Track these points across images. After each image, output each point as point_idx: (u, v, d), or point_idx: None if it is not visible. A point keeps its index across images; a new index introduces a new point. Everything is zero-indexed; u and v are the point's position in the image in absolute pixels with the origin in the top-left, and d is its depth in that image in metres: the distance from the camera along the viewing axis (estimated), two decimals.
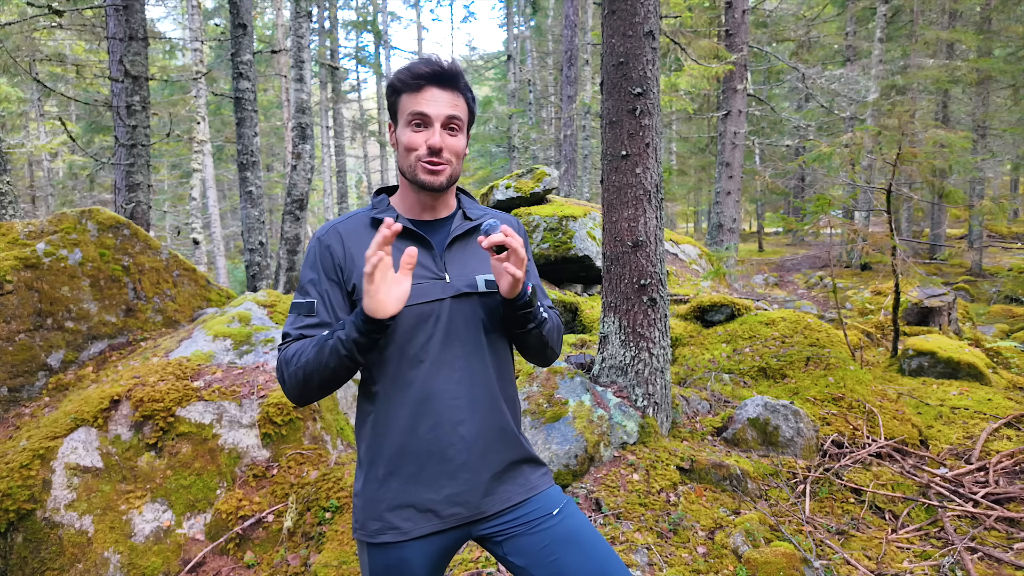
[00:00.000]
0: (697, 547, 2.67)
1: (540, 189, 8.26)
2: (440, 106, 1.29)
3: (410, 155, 1.31)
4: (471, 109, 1.37)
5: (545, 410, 3.37)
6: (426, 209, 1.39)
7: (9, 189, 5.09)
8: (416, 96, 1.29)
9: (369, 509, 1.31)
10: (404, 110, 1.31)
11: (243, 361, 3.50)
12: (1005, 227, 20.58)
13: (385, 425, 1.30)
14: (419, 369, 1.28)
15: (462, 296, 1.32)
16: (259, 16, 25.44)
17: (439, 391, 1.29)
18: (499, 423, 1.34)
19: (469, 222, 1.40)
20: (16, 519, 2.56)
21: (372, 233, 1.34)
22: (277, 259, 8.39)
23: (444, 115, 1.29)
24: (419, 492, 1.29)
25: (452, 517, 1.30)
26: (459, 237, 1.38)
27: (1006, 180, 28.39)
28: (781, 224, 22.47)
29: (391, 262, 1.17)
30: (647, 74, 3.48)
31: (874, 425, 3.78)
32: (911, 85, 14.91)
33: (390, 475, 1.29)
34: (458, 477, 1.29)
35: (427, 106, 1.28)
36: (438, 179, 1.31)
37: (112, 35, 8.35)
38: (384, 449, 1.30)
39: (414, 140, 1.30)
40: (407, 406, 1.28)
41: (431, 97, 1.29)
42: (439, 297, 1.31)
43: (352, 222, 1.38)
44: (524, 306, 1.30)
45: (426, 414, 1.28)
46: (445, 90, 1.30)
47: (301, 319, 1.32)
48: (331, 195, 26.31)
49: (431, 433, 1.28)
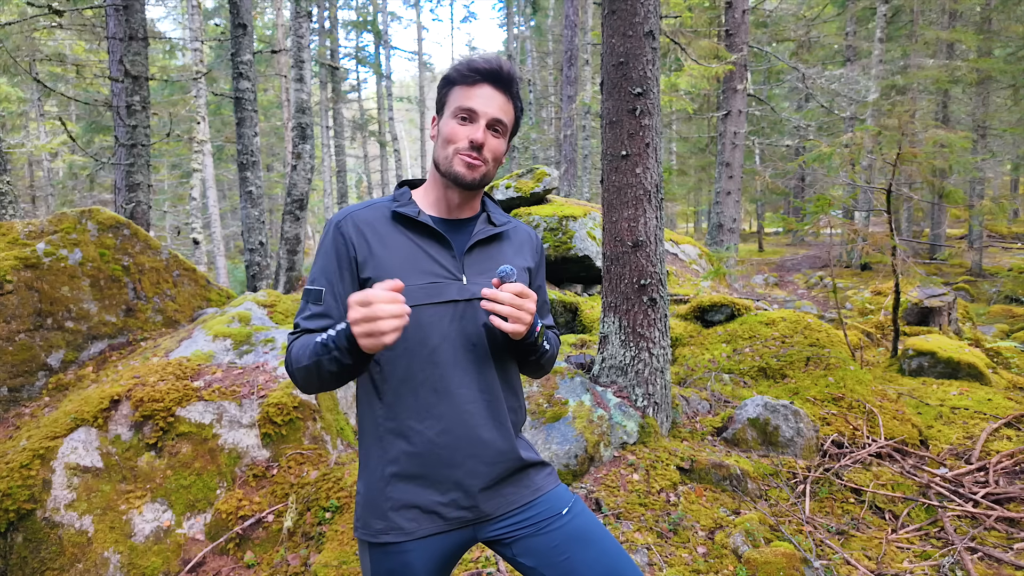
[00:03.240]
0: (697, 547, 2.67)
1: (540, 189, 8.26)
2: (489, 105, 1.28)
3: (449, 146, 1.29)
4: (517, 118, 1.37)
5: (545, 410, 3.37)
6: (451, 207, 1.37)
7: (9, 189, 5.09)
8: (468, 90, 1.29)
9: (373, 508, 1.29)
10: (453, 102, 1.30)
11: (243, 361, 3.50)
12: (1005, 227, 20.58)
13: (393, 424, 1.28)
14: (430, 370, 1.27)
15: (477, 300, 1.30)
16: (259, 16, 25.44)
17: (449, 394, 1.28)
18: (505, 429, 1.33)
19: (492, 227, 1.38)
20: (16, 519, 2.56)
21: (392, 227, 1.32)
22: (277, 259, 8.39)
23: (491, 115, 1.28)
24: (424, 493, 1.27)
25: (456, 519, 1.29)
26: (481, 242, 1.36)
27: (1006, 180, 28.39)
28: (781, 224, 22.47)
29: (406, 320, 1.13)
30: (647, 74, 3.48)
31: (874, 425, 3.78)
32: (911, 85, 14.91)
33: (396, 475, 1.28)
34: (463, 480, 1.28)
35: (477, 102, 1.28)
36: (473, 174, 1.29)
37: (112, 35, 8.35)
38: (390, 448, 1.29)
39: (457, 132, 1.29)
40: (416, 407, 1.27)
41: (483, 94, 1.28)
42: (454, 298, 1.29)
43: (371, 212, 1.34)
44: (529, 345, 1.32)
45: (435, 416, 1.27)
46: (498, 91, 1.30)
47: (309, 307, 1.31)
48: (331, 195, 26.31)
49: (440, 436, 1.27)
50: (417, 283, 1.27)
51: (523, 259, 1.43)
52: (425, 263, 1.30)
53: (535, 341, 1.31)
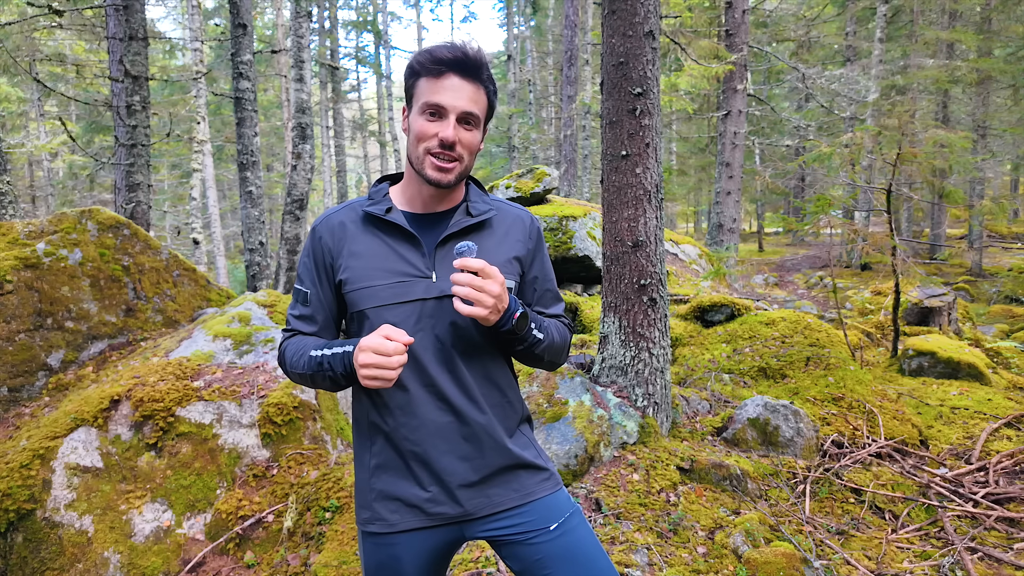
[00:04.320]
0: (697, 547, 2.67)
1: (540, 189, 8.26)
2: (458, 98, 1.21)
3: (419, 145, 1.25)
4: (491, 103, 1.29)
5: (545, 410, 3.37)
6: (427, 202, 1.33)
7: (9, 189, 5.09)
8: (435, 83, 1.22)
9: (361, 498, 1.34)
10: (420, 96, 1.24)
11: (243, 361, 3.50)
12: (1005, 227, 20.57)
13: (376, 418, 1.31)
14: (402, 370, 1.21)
15: (446, 298, 1.25)
16: (259, 16, 25.44)
17: (421, 392, 1.27)
18: (484, 427, 1.29)
19: (469, 218, 1.32)
20: (16, 519, 2.56)
21: (363, 228, 1.31)
22: (277, 259, 8.38)
23: (461, 109, 1.22)
24: (405, 486, 1.29)
25: (438, 516, 1.29)
26: (454, 235, 1.30)
27: (1006, 180, 28.40)
28: (781, 224, 22.47)
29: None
30: (647, 74, 3.48)
31: (874, 425, 3.78)
32: (911, 85, 14.91)
33: (379, 467, 1.31)
34: (442, 476, 1.28)
35: (444, 96, 1.21)
36: (446, 177, 1.25)
37: (112, 35, 8.35)
38: (374, 441, 1.31)
39: (426, 130, 1.23)
40: (392, 404, 1.28)
41: (450, 86, 1.21)
42: (421, 297, 1.26)
43: (345, 213, 1.34)
44: (506, 333, 1.25)
45: (409, 414, 1.28)
46: (466, 80, 1.22)
47: (298, 306, 1.37)
48: (331, 195, 26.32)
49: (414, 433, 1.27)
50: (384, 283, 1.27)
51: (509, 248, 1.36)
52: (394, 262, 1.28)
53: (512, 328, 1.23)
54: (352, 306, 1.31)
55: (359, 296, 1.28)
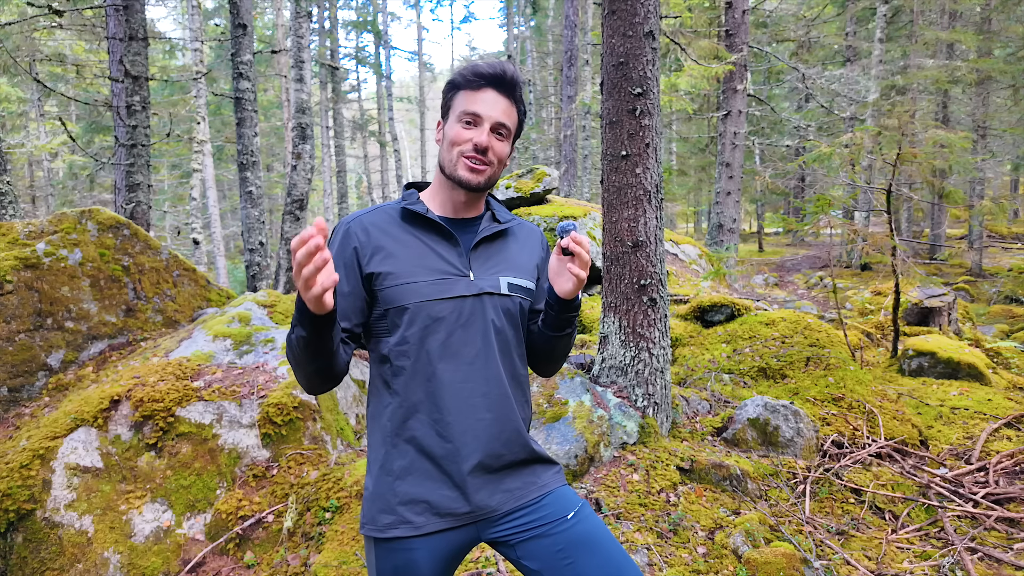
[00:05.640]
0: (697, 547, 2.67)
1: (540, 189, 8.26)
2: (493, 109, 1.32)
3: (453, 149, 1.33)
4: (520, 122, 1.40)
5: (545, 410, 3.37)
6: (457, 208, 1.40)
7: (9, 189, 5.09)
8: (473, 95, 1.32)
9: (381, 503, 1.30)
10: (458, 107, 1.34)
11: (243, 361, 3.50)
12: (1005, 227, 20.58)
13: (405, 418, 1.30)
14: (440, 364, 1.29)
15: (484, 295, 1.34)
16: (259, 16, 25.44)
17: (458, 389, 1.30)
18: (513, 424, 1.35)
19: (497, 224, 1.42)
20: (16, 519, 2.56)
21: (400, 227, 1.36)
22: (277, 259, 8.38)
23: (495, 119, 1.32)
24: (433, 487, 1.29)
25: (466, 515, 1.30)
26: (486, 238, 1.40)
27: (1006, 180, 28.39)
28: (781, 224, 22.47)
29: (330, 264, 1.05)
30: (647, 74, 3.48)
31: (874, 425, 3.78)
32: (911, 85, 14.91)
33: (406, 469, 1.30)
34: (472, 474, 1.29)
35: (481, 106, 1.31)
36: (477, 178, 1.33)
37: (112, 35, 8.35)
38: (402, 442, 1.30)
39: (461, 135, 1.32)
40: (427, 401, 1.29)
41: (487, 98, 1.32)
42: (463, 294, 1.32)
43: (378, 215, 1.38)
44: (574, 309, 1.35)
45: (444, 410, 1.29)
46: (502, 95, 1.33)
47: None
48: (331, 195, 26.32)
49: (448, 430, 1.28)
50: (427, 279, 1.31)
51: (529, 255, 1.47)
52: (434, 260, 1.33)
53: (578, 306, 1.35)
54: (390, 302, 1.31)
55: (400, 292, 1.30)
